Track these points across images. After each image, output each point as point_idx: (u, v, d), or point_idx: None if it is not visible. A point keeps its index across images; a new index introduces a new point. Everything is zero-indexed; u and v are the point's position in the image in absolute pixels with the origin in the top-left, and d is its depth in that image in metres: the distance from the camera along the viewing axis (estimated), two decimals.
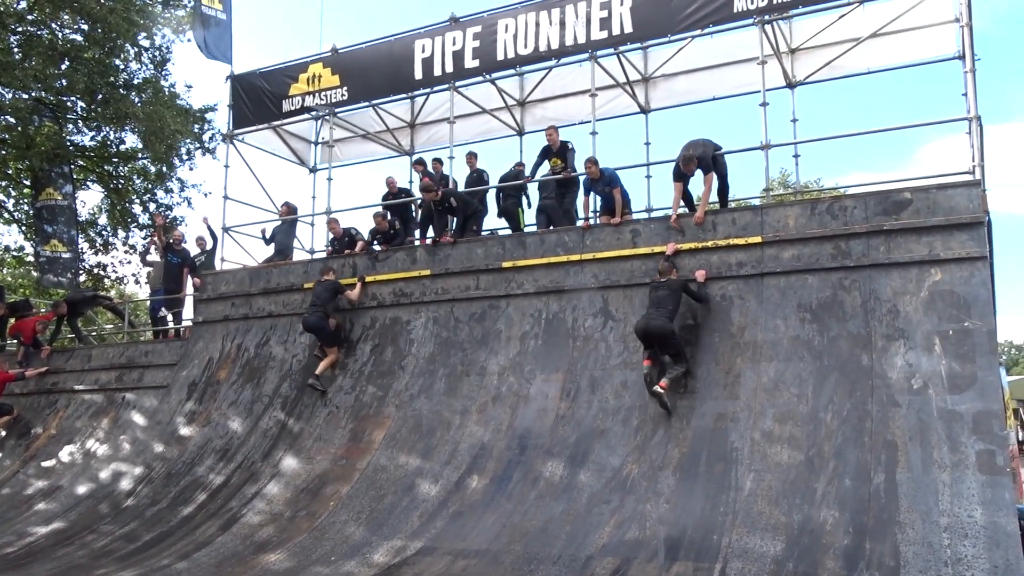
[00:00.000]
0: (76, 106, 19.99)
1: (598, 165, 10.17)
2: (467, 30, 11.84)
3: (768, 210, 9.10)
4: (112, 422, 12.70)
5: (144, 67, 20.29)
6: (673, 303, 8.61)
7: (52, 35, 18.53)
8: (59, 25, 18.64)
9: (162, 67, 20.64)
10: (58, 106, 19.71)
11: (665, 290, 8.68)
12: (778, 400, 7.97)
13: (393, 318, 11.14)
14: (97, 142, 21.30)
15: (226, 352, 12.39)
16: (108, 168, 21.88)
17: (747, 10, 9.99)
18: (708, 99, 12.93)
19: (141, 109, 18.31)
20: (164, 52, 20.54)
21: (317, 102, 13.12)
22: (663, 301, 8.62)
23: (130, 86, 19.63)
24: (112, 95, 18.66)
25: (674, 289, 8.68)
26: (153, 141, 18.64)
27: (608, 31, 10.81)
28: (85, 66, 18.26)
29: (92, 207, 23.45)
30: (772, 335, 8.43)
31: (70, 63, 18.25)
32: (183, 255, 14.59)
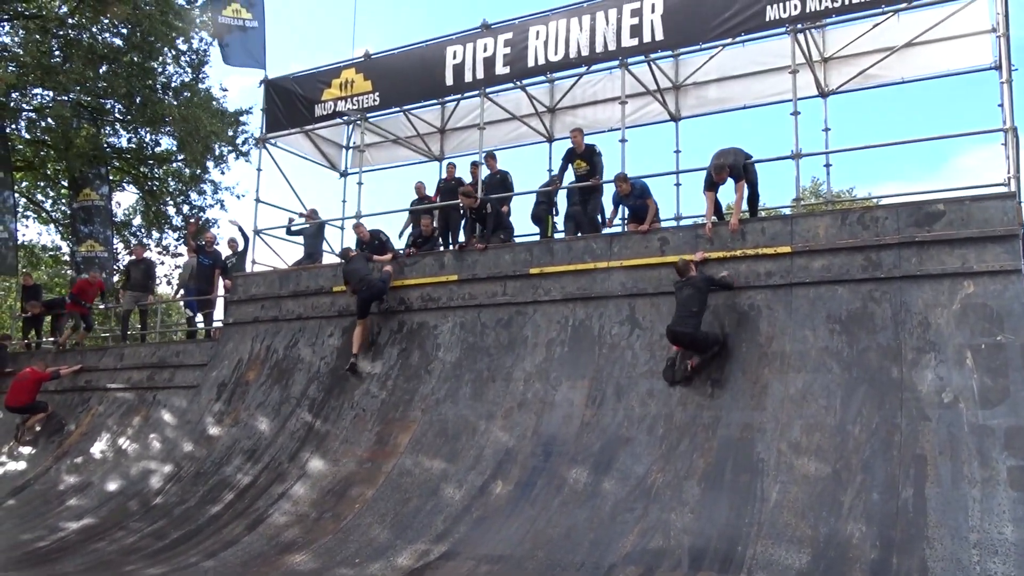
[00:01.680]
0: (114, 109, 20.43)
1: (628, 181, 10.21)
2: (498, 37, 11.92)
3: (798, 220, 9.06)
4: (143, 420, 12.92)
5: (182, 70, 20.68)
6: (699, 303, 8.63)
7: (92, 39, 18.95)
8: (99, 29, 19.07)
9: (199, 70, 21.03)
10: (96, 109, 20.16)
11: (690, 289, 8.70)
12: (805, 411, 7.93)
13: (420, 322, 11.23)
14: (133, 144, 21.76)
15: (255, 353, 12.57)
16: (143, 170, 22.32)
17: (779, 18, 9.96)
18: (739, 107, 12.88)
19: (177, 111, 18.67)
20: (201, 55, 20.94)
21: (349, 107, 13.29)
22: (689, 301, 8.65)
23: (168, 88, 20.02)
24: (150, 98, 19.05)
25: (698, 287, 8.69)
26: (189, 142, 18.99)
27: (639, 38, 10.84)
28: (124, 69, 18.66)
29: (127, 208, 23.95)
30: (800, 346, 8.38)
31: (109, 66, 18.65)
32: (214, 256, 14.87)
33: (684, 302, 8.65)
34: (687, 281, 8.76)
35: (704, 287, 8.68)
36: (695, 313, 8.55)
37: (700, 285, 8.68)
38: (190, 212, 22.33)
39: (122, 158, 21.89)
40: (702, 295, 8.64)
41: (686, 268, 8.89)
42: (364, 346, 11.35)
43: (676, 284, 8.91)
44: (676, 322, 8.64)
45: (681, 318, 8.60)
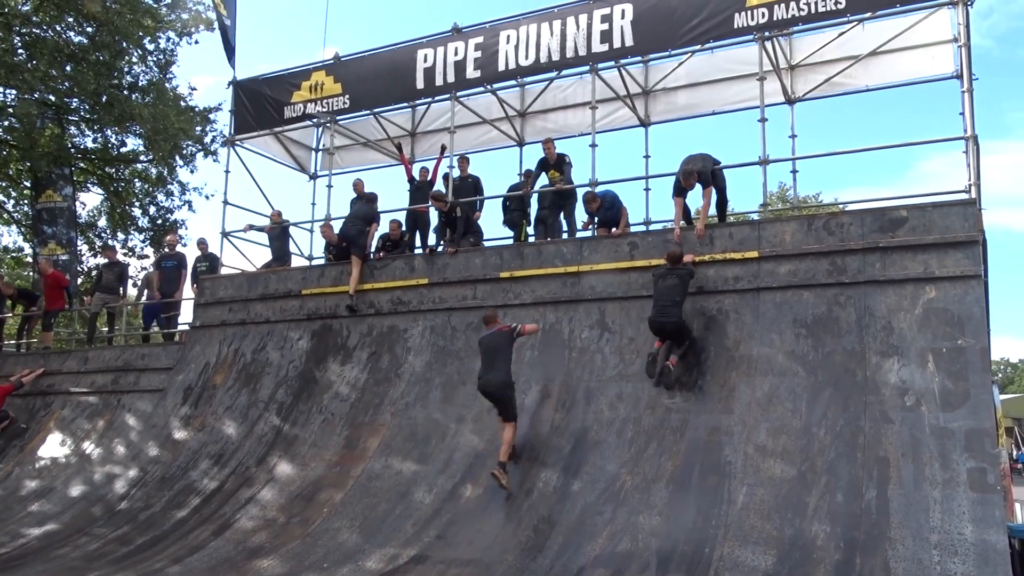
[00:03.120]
0: (80, 108, 20.09)
1: (595, 199, 10.24)
2: (469, 40, 11.92)
3: (765, 225, 9.17)
4: (107, 425, 12.71)
5: (149, 69, 20.40)
6: (681, 293, 8.72)
7: (58, 37, 18.62)
8: (64, 27, 18.74)
9: (166, 69, 20.74)
10: (61, 108, 19.80)
11: (674, 279, 8.75)
12: (772, 414, 8.01)
13: (391, 326, 11.18)
14: (99, 144, 21.41)
15: (223, 357, 12.42)
16: (109, 171, 21.97)
17: (747, 26, 10.06)
18: (708, 113, 13.00)
19: (146, 109, 18.40)
20: (169, 55, 20.66)
21: (319, 109, 13.20)
22: (672, 291, 8.69)
23: (135, 88, 19.72)
24: (117, 96, 18.75)
25: (683, 277, 8.77)
26: (158, 141, 18.71)
27: (609, 44, 10.89)
28: (91, 68, 18.35)
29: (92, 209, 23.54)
30: (767, 350, 8.47)
31: (76, 65, 18.34)
32: (178, 258, 14.69)
33: (666, 291, 8.70)
34: (674, 271, 8.81)
35: (687, 278, 8.80)
36: (677, 303, 8.64)
37: (684, 276, 8.78)
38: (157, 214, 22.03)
39: (87, 158, 21.54)
40: (684, 286, 8.74)
41: (679, 257, 8.92)
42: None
43: (659, 272, 8.94)
44: (659, 313, 8.69)
45: (664, 308, 8.66)
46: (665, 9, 10.56)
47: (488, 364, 8.87)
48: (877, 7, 9.61)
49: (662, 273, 8.88)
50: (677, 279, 8.73)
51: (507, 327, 9.05)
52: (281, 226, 13.84)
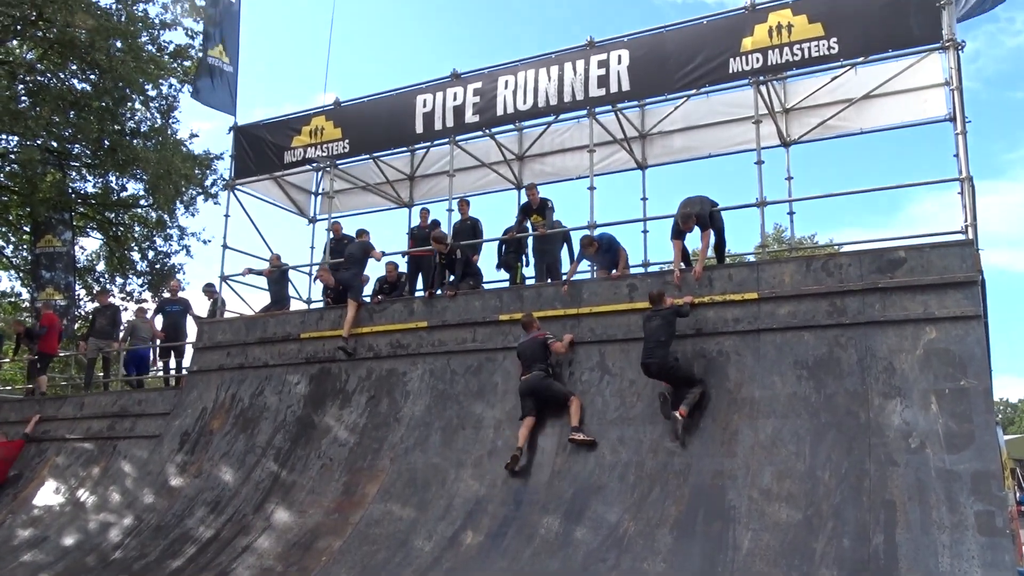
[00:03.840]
0: (82, 153, 20.22)
1: (593, 244, 10.24)
2: (468, 86, 12.05)
3: (764, 266, 9.16)
4: (103, 472, 12.54)
5: (151, 115, 20.57)
6: (666, 333, 8.68)
7: (61, 84, 18.81)
8: (68, 75, 18.94)
9: (169, 115, 20.92)
10: (63, 153, 19.93)
11: (658, 319, 8.74)
12: (776, 457, 7.92)
13: (389, 369, 11.10)
14: (99, 189, 21.48)
15: (220, 402, 12.31)
16: (109, 215, 22.01)
17: (742, 71, 10.20)
18: (704, 156, 13.10)
19: (148, 154, 18.51)
20: (171, 101, 20.86)
21: (319, 154, 13.28)
22: (656, 331, 8.70)
23: (137, 133, 19.87)
24: (119, 142, 18.88)
25: (666, 317, 8.75)
26: (161, 185, 18.79)
27: (606, 88, 11.02)
28: (94, 114, 18.50)
29: (90, 253, 23.54)
30: (769, 392, 8.41)
31: (78, 112, 18.49)
32: (183, 303, 14.73)
33: (652, 332, 8.73)
34: (658, 312, 8.80)
35: (672, 318, 8.76)
36: (663, 343, 8.61)
37: (668, 315, 8.76)
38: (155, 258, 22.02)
39: (87, 203, 21.60)
40: (669, 325, 8.71)
41: (660, 298, 8.92)
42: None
43: (646, 315, 8.94)
44: (645, 354, 8.72)
45: (649, 349, 8.68)
46: (660, 54, 10.71)
47: (527, 368, 9.48)
48: (868, 52, 9.75)
49: (648, 315, 8.88)
50: (661, 319, 8.72)
51: (542, 335, 9.59)
52: (280, 270, 13.83)
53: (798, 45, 9.84)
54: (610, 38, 11.14)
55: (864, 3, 9.56)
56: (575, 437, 8.97)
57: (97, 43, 17.21)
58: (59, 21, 16.48)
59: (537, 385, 9.36)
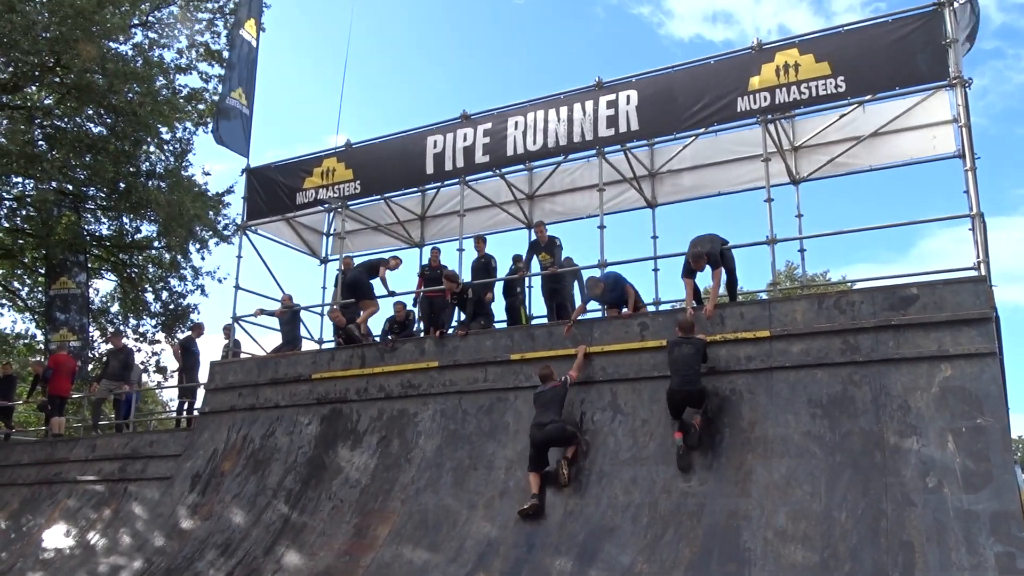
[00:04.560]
0: (97, 196, 20.51)
1: (598, 285, 10.27)
2: (478, 127, 12.21)
3: (776, 304, 9.16)
4: (114, 514, 12.52)
5: (166, 157, 20.87)
6: (699, 361, 8.71)
7: (78, 128, 19.15)
8: (84, 119, 19.30)
9: (183, 157, 21.23)
10: (78, 196, 20.22)
11: (691, 347, 8.72)
12: (791, 497, 7.84)
13: (400, 410, 11.10)
14: (113, 231, 21.73)
15: (231, 443, 12.32)
16: (123, 257, 22.24)
17: (750, 110, 10.30)
18: (714, 194, 13.16)
19: (162, 196, 18.76)
20: (185, 144, 21.18)
21: (330, 195, 13.44)
22: (691, 360, 8.64)
23: (151, 175, 20.15)
24: (134, 184, 19.15)
25: (698, 347, 8.75)
26: (173, 227, 19.01)
27: (615, 128, 11.14)
28: (109, 157, 18.79)
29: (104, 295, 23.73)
30: (783, 430, 8.35)
31: (94, 155, 18.80)
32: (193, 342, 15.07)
33: (686, 359, 8.66)
34: (689, 340, 8.79)
35: (703, 347, 8.79)
36: (698, 371, 8.62)
37: (699, 345, 8.79)
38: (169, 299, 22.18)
39: (101, 245, 21.85)
40: (700, 354, 8.74)
41: (692, 327, 8.91)
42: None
43: (673, 341, 8.90)
44: (683, 381, 8.60)
45: (686, 377, 8.59)
46: (668, 95, 10.84)
47: (542, 413, 9.33)
48: (876, 90, 9.83)
49: (677, 342, 8.85)
50: (693, 348, 8.72)
51: (559, 383, 9.49)
52: (292, 310, 13.93)
53: (805, 84, 9.94)
54: (619, 78, 11.30)
55: (870, 42, 9.67)
56: (563, 467, 9.05)
57: (115, 87, 17.56)
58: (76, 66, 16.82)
59: (557, 435, 9.19)
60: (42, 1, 17.10)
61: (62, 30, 16.30)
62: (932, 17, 9.35)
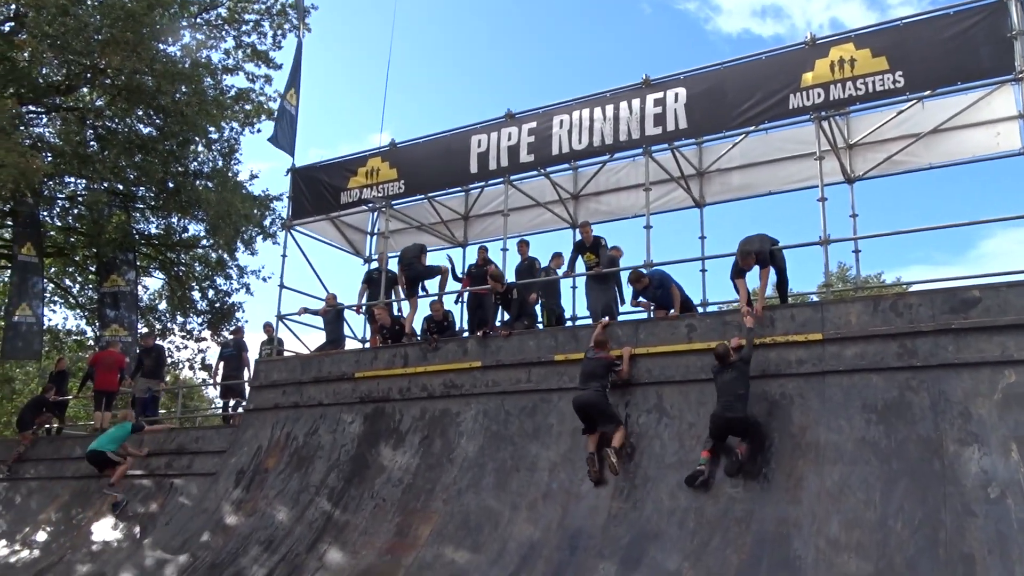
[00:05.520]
0: (146, 195, 20.97)
1: (641, 279, 10.19)
2: (523, 126, 12.19)
3: (829, 306, 8.96)
4: (160, 508, 12.75)
5: (213, 158, 21.26)
6: (744, 385, 8.48)
7: (128, 129, 19.61)
8: (134, 120, 19.75)
9: (230, 157, 21.59)
10: (128, 196, 20.70)
11: (732, 372, 8.54)
12: (844, 506, 7.65)
13: (443, 410, 11.12)
14: (161, 230, 22.20)
15: (275, 440, 12.46)
16: (171, 255, 22.71)
17: (803, 106, 10.11)
18: (764, 194, 12.99)
19: (211, 195, 19.11)
20: (232, 143, 21.54)
21: (375, 194, 13.54)
22: (734, 384, 8.46)
23: (199, 175, 20.55)
24: (183, 184, 19.54)
25: (740, 369, 8.54)
26: (221, 226, 19.35)
27: (662, 127, 11.02)
28: (158, 157, 19.21)
29: (152, 292, 24.25)
30: (836, 436, 8.16)
31: (144, 155, 19.23)
32: (238, 345, 15.27)
33: (728, 385, 8.47)
34: (730, 366, 8.61)
35: (744, 368, 8.55)
36: (742, 396, 8.40)
37: (741, 367, 8.54)
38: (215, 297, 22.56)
39: (150, 244, 22.34)
40: (744, 376, 8.50)
41: (727, 354, 8.71)
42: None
43: (715, 370, 8.74)
44: (725, 408, 8.43)
45: (729, 403, 8.40)
46: (718, 92, 10.69)
47: (583, 383, 9.42)
48: (936, 85, 9.58)
49: (718, 370, 8.69)
50: (736, 372, 8.52)
51: (608, 358, 9.51)
52: (336, 309, 14.05)
53: (861, 79, 9.72)
54: (666, 76, 11.19)
55: (931, 35, 9.42)
56: (610, 455, 8.99)
57: (163, 87, 17.94)
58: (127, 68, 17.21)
59: (592, 400, 9.25)
60: (95, 4, 17.53)
61: (113, 32, 16.67)
62: (996, 9, 9.08)
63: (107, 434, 13.49)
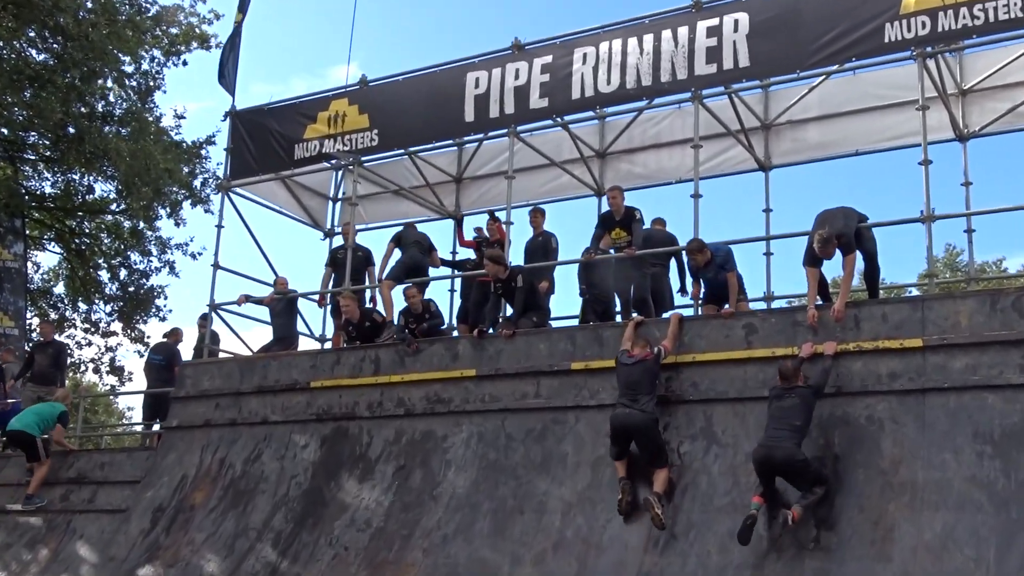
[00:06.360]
0: (39, 144, 20.92)
1: (704, 251, 10.17)
2: (534, 60, 12.16)
3: (932, 303, 8.97)
4: (52, 555, 12.82)
5: (128, 96, 21.21)
6: (803, 417, 8.47)
7: (16, 55, 19.52)
8: (24, 42, 19.67)
9: (148, 97, 21.58)
10: (15, 143, 20.64)
11: (794, 398, 8.54)
12: (948, 565, 7.70)
13: (425, 432, 11.16)
14: (59, 189, 22.16)
15: (205, 468, 12.52)
16: (71, 223, 22.71)
17: (902, 39, 10.06)
18: (849, 154, 13.02)
19: (123, 144, 19.03)
20: (153, 78, 21.51)
21: (339, 148, 13.52)
22: (790, 413, 8.47)
23: (109, 118, 20.47)
24: (87, 129, 19.44)
25: (805, 397, 8.53)
26: (138, 185, 19.31)
27: (717, 64, 10.99)
28: (56, 93, 19.12)
29: (47, 271, 24.29)
30: (938, 474, 8.19)
31: (37, 90, 19.13)
32: (168, 354, 15.27)
33: (784, 413, 8.47)
34: (792, 389, 8.62)
35: (812, 398, 8.54)
36: (797, 428, 8.38)
37: (806, 395, 8.53)
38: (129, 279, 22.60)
39: (44, 207, 22.33)
40: (808, 408, 8.50)
41: (795, 373, 8.70)
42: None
43: (774, 391, 8.77)
44: (770, 442, 8.45)
45: (777, 436, 8.39)
46: (791, 19, 10.66)
47: (630, 397, 9.32)
48: None
49: (777, 392, 8.68)
50: (798, 399, 8.51)
51: (651, 355, 9.49)
52: (287, 298, 14.07)
53: (980, 5, 9.67)
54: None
55: None
56: (654, 505, 8.84)
57: (62, 2, 17.85)
58: None
59: (640, 425, 9.16)
60: None
61: None
62: None
63: (33, 410, 13.58)
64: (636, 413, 9.15)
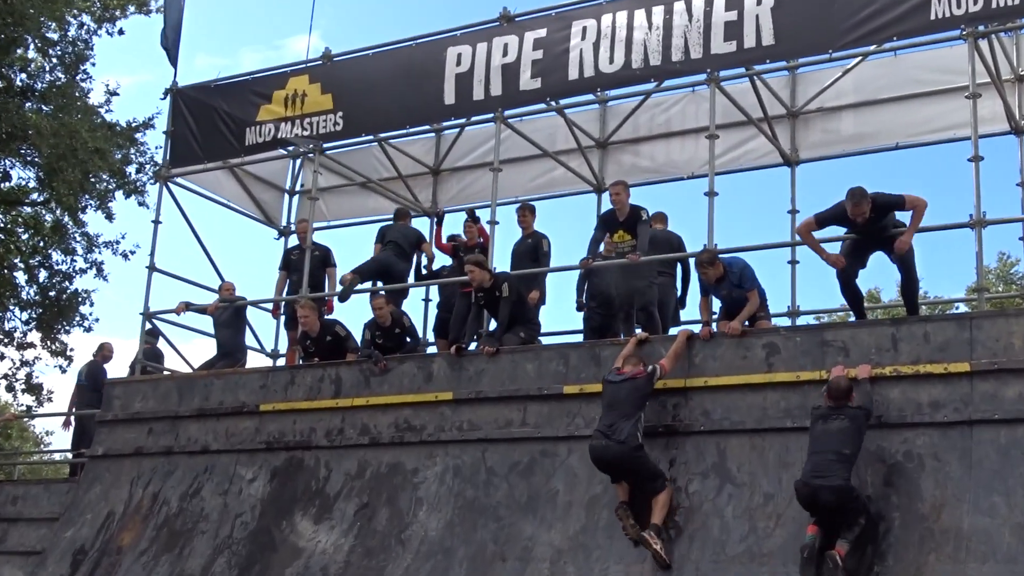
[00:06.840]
0: None
1: (716, 264, 10.13)
2: (525, 35, 12.18)
3: (981, 321, 9.01)
4: None
5: (52, 67, 21.15)
6: (854, 444, 8.46)
7: None
8: None
9: (77, 69, 21.50)
10: None
11: (843, 420, 8.51)
12: None
13: (392, 464, 11.15)
14: None
15: (135, 504, 12.48)
16: None
17: (951, 17, 10.09)
18: (888, 147, 13.07)
19: (45, 121, 18.95)
20: (81, 48, 21.44)
21: (298, 133, 13.50)
22: (839, 440, 8.44)
23: (30, 93, 20.39)
24: (5, 105, 19.37)
25: (857, 420, 8.52)
26: (62, 169, 19.21)
27: (737, 42, 11.01)
28: None
29: None
30: (986, 520, 8.22)
31: None
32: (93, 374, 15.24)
33: (832, 438, 8.45)
34: (842, 411, 8.63)
35: (864, 422, 8.54)
36: (847, 457, 8.38)
37: (858, 416, 8.53)
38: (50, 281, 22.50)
39: None
40: (860, 433, 8.50)
41: (847, 393, 8.69)
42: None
43: (818, 412, 8.76)
44: (814, 470, 8.45)
45: (824, 465, 8.37)
46: None
47: (607, 423, 9.38)
48: None
49: (823, 413, 8.68)
50: (849, 423, 8.51)
51: (643, 373, 9.54)
52: (234, 306, 14.03)
53: None
54: None
55: None
56: (650, 540, 8.94)
57: None
58: None
59: (617, 456, 9.26)
60: None
61: None
62: None
63: None
64: (613, 446, 9.23)
